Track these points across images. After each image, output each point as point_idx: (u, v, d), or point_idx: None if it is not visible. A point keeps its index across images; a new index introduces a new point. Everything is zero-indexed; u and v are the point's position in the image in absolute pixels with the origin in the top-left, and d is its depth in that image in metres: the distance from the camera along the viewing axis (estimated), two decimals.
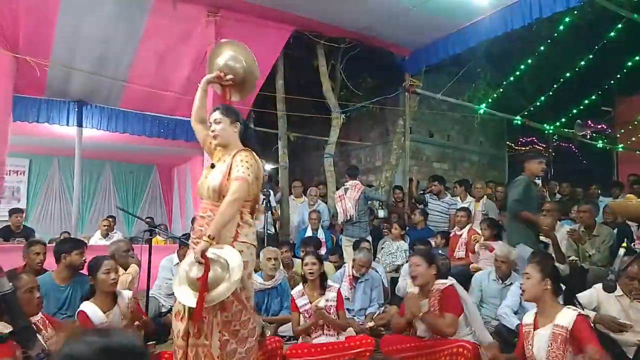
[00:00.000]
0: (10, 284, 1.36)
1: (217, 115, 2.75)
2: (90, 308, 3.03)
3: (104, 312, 3.06)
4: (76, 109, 6.39)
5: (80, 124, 6.44)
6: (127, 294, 3.30)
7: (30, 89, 5.98)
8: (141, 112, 6.72)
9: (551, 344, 2.52)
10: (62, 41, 5.56)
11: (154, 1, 5.48)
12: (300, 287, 3.90)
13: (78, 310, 3.06)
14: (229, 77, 2.95)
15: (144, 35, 5.78)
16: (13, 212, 6.64)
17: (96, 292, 3.12)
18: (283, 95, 7.30)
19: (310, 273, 3.79)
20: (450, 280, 3.40)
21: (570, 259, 4.57)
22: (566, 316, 2.53)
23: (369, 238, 5.96)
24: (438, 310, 3.21)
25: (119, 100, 6.53)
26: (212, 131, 2.72)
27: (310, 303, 3.75)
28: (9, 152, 5.52)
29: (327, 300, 3.74)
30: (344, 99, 7.90)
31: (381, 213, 7.13)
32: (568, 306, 2.65)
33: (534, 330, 2.67)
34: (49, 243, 5.75)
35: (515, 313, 3.67)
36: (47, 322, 2.80)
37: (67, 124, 6.37)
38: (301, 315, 3.76)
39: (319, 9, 6.00)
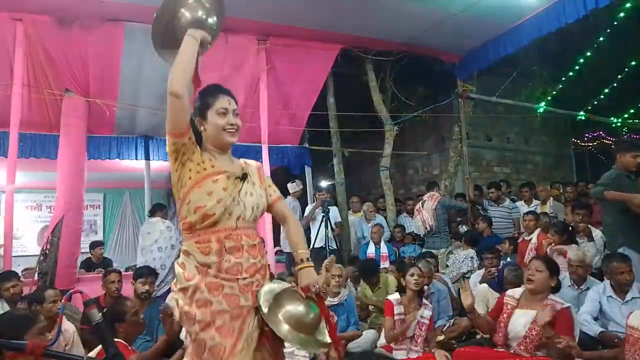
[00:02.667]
0: (100, 314, 1.49)
1: (234, 104, 2.10)
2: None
3: None
4: (143, 144, 6.78)
5: (147, 157, 6.83)
6: None
7: (101, 128, 6.44)
8: None
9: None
10: (127, 82, 5.97)
11: None
12: (397, 295, 3.93)
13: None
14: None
15: (200, 69, 6.07)
16: (94, 245, 7.14)
17: None
18: (335, 113, 7.41)
19: (415, 283, 3.78)
20: (568, 304, 3.12)
21: None
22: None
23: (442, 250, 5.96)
24: (547, 324, 2.88)
25: None
26: (232, 125, 2.03)
27: (405, 315, 3.77)
28: (85, 188, 5.95)
29: (421, 317, 3.77)
30: (396, 111, 7.89)
31: (462, 229, 6.70)
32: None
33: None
34: (125, 271, 6.12)
35: (595, 319, 3.48)
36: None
37: (136, 158, 6.77)
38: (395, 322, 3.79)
39: (364, 25, 6.07)
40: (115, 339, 2.52)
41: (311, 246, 6.30)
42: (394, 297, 3.91)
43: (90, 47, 5.53)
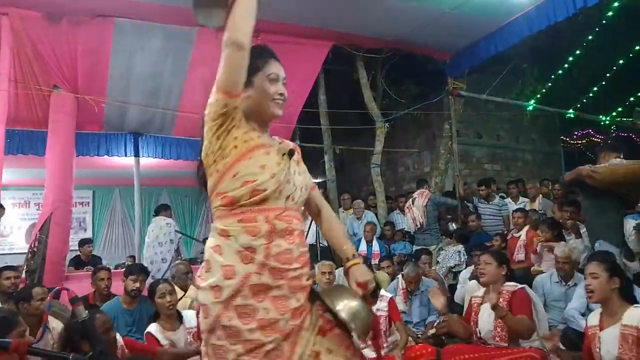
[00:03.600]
0: (87, 311, 1.47)
1: (284, 72, 1.81)
2: (155, 329, 3.20)
3: (169, 332, 3.22)
4: (132, 140, 6.73)
5: (137, 154, 6.78)
6: (191, 314, 3.43)
7: (90, 125, 6.38)
8: (193, 138, 6.99)
9: (621, 345, 2.40)
10: (116, 78, 5.92)
11: (198, 32, 5.74)
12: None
13: (145, 331, 3.23)
14: None
15: (190, 65, 6.05)
16: (83, 242, 7.08)
17: (160, 314, 3.29)
18: (326, 110, 7.40)
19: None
20: (522, 285, 3.29)
21: None
22: (635, 315, 2.40)
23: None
24: (507, 310, 3.09)
25: (172, 128, 6.84)
26: (281, 95, 1.74)
27: None
28: (74, 185, 5.89)
29: (377, 310, 3.74)
30: (387, 108, 7.90)
31: (451, 227, 6.69)
32: (636, 305, 2.52)
33: (600, 331, 2.55)
34: (114, 268, 6.09)
35: (583, 315, 3.51)
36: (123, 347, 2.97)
37: (125, 155, 6.72)
38: None
39: (356, 22, 6.07)
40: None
41: None
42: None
43: (79, 43, 5.48)
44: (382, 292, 3.96)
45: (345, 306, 1.60)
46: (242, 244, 1.54)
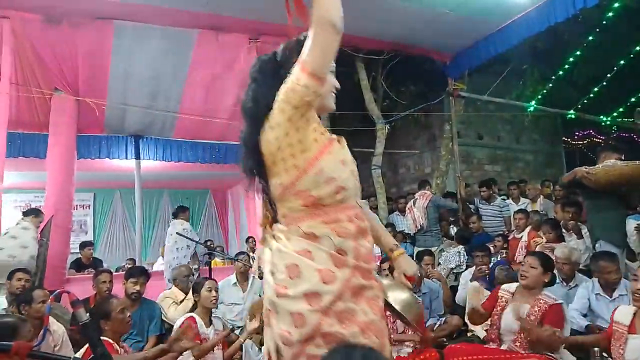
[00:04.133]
0: (87, 314, 1.47)
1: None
2: (199, 319, 3.39)
3: (206, 327, 3.42)
4: (133, 143, 6.75)
5: (138, 157, 6.80)
6: (219, 321, 3.66)
7: (91, 128, 6.40)
8: (193, 140, 7.00)
9: None
10: (117, 81, 5.93)
11: (198, 34, 5.74)
12: None
13: (188, 315, 3.38)
14: None
15: (190, 68, 6.06)
16: (84, 245, 7.09)
17: (198, 308, 3.48)
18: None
19: None
20: (560, 301, 3.13)
21: None
22: None
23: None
24: (535, 320, 2.95)
25: (172, 131, 6.85)
26: (337, 88, 1.70)
27: None
28: (75, 187, 5.90)
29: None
30: (388, 109, 7.89)
31: (452, 230, 6.71)
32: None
33: (629, 333, 2.48)
34: (115, 271, 6.09)
35: (585, 316, 3.50)
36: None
37: (126, 157, 6.74)
38: None
39: (355, 23, 6.06)
40: (102, 337, 2.51)
41: None
42: None
43: (80, 46, 5.49)
44: None
45: (397, 298, 1.61)
46: (333, 247, 1.44)
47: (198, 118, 6.53)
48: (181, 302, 4.30)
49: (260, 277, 4.29)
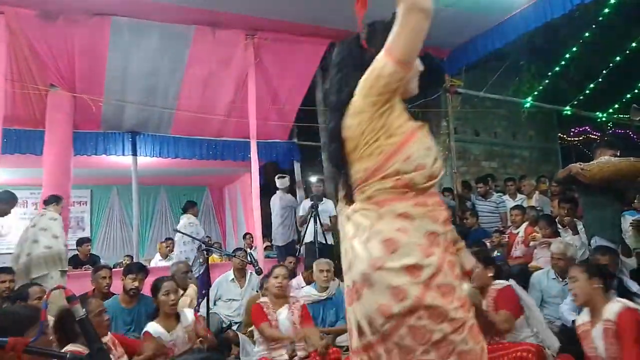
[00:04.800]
0: (84, 309, 1.48)
1: None
2: (154, 328, 3.18)
3: (168, 332, 3.20)
4: (130, 139, 6.73)
5: (134, 153, 6.78)
6: (189, 313, 3.44)
7: (88, 124, 6.37)
8: (190, 137, 6.99)
9: (606, 341, 2.45)
10: (113, 77, 5.92)
11: (195, 30, 5.73)
12: None
13: (144, 330, 3.21)
14: None
15: (188, 64, 6.05)
16: (82, 242, 7.07)
17: (159, 313, 3.28)
18: (323, 108, 7.39)
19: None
20: (509, 282, 3.31)
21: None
22: (612, 309, 2.47)
23: None
24: (493, 309, 3.16)
25: (170, 127, 6.84)
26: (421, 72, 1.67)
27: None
28: (72, 184, 5.89)
29: None
30: None
31: None
32: (618, 299, 2.58)
33: (592, 328, 2.60)
34: (112, 268, 6.09)
35: (580, 312, 3.52)
36: (116, 341, 2.96)
37: (123, 154, 6.72)
38: None
39: (353, 19, 6.04)
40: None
41: (302, 241, 6.32)
42: None
43: (76, 42, 5.48)
44: None
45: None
46: (427, 228, 1.46)
47: (195, 114, 6.52)
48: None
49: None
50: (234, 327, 4.67)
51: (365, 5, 1.72)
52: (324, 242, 6.05)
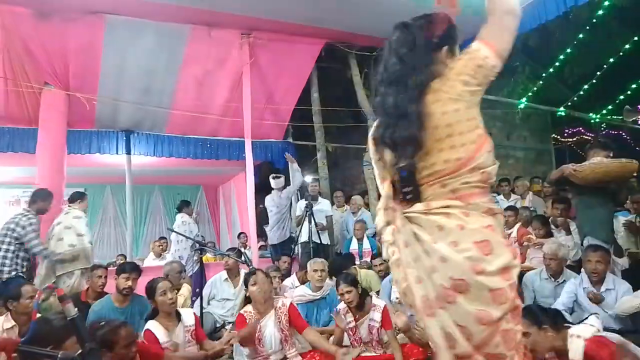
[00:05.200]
0: (76, 309, 1.47)
1: None
2: (154, 327, 3.18)
3: (168, 331, 3.20)
4: (124, 138, 6.70)
5: (129, 152, 6.75)
6: (190, 314, 3.46)
7: (81, 123, 6.34)
8: (185, 136, 6.97)
9: None
10: (108, 76, 5.89)
11: (190, 30, 5.72)
12: (344, 305, 3.69)
13: (144, 329, 3.20)
14: None
15: (183, 63, 6.03)
16: None
17: (159, 312, 3.27)
18: (319, 108, 7.40)
19: (349, 301, 3.57)
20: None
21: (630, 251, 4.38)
22: (576, 349, 2.14)
23: None
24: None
25: (164, 126, 6.82)
26: None
27: (356, 321, 3.63)
28: (65, 183, 5.86)
29: (371, 320, 3.60)
30: None
31: None
32: (573, 332, 2.22)
33: None
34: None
35: (572, 312, 3.55)
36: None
37: (117, 153, 6.69)
38: (345, 332, 3.67)
39: (348, 20, 6.07)
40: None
41: (297, 241, 6.32)
42: (343, 306, 3.69)
43: (71, 40, 5.45)
44: (375, 300, 3.70)
45: None
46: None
47: (190, 113, 6.50)
48: None
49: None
50: (228, 327, 4.67)
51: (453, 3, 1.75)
52: (319, 241, 6.07)
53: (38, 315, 2.63)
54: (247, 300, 3.64)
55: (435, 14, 1.69)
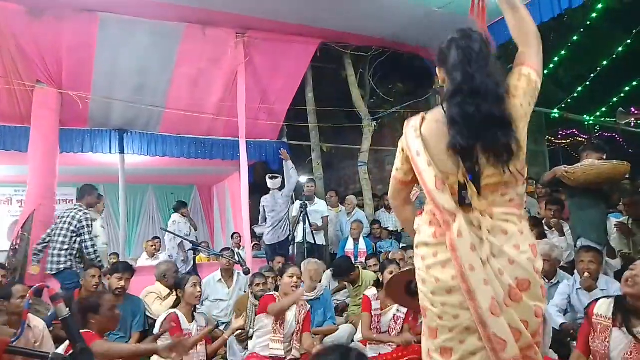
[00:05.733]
0: (68, 309, 1.45)
1: None
2: (181, 315, 3.37)
3: (189, 322, 3.42)
4: (118, 137, 6.65)
5: (122, 151, 6.70)
6: (201, 316, 3.63)
7: (74, 121, 6.29)
8: (179, 135, 6.93)
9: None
10: (101, 74, 5.85)
11: (185, 28, 5.69)
12: (374, 290, 3.90)
13: (170, 312, 3.37)
14: None
15: (177, 62, 6.00)
16: None
17: (181, 303, 3.47)
18: (314, 108, 7.39)
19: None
20: None
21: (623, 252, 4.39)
22: None
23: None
24: None
25: (158, 125, 6.78)
26: None
27: (381, 310, 3.78)
28: (57, 182, 5.81)
29: (398, 310, 3.75)
30: (375, 107, 7.91)
31: None
32: None
33: (614, 327, 2.42)
34: None
35: (565, 313, 3.55)
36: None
37: (110, 152, 6.64)
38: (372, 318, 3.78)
39: (344, 20, 6.07)
40: (86, 330, 2.47)
41: (293, 242, 6.30)
42: (371, 292, 3.90)
43: (64, 38, 5.41)
44: None
45: None
46: None
47: (184, 113, 6.47)
48: (166, 297, 4.27)
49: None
50: (222, 328, 4.64)
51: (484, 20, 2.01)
52: (313, 242, 6.05)
53: (29, 315, 2.62)
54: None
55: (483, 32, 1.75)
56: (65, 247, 4.76)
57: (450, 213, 1.57)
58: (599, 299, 2.65)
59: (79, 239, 4.82)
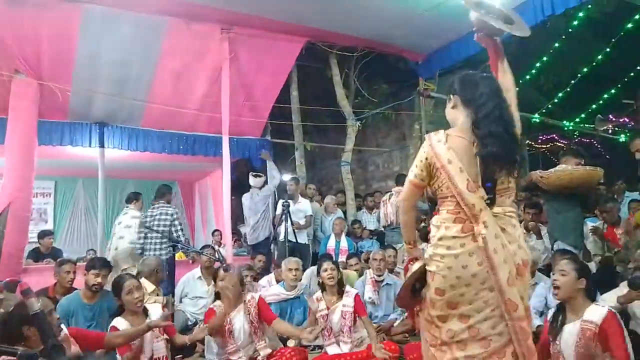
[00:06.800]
0: (39, 304, 1.42)
1: None
2: (120, 323, 3.10)
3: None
4: (98, 131, 6.53)
5: (102, 145, 6.59)
6: (157, 307, 3.40)
7: (54, 114, 6.16)
8: (161, 130, 6.85)
9: (579, 339, 2.53)
10: (82, 66, 5.74)
11: (169, 22, 5.62)
12: (318, 293, 3.91)
13: (110, 325, 3.12)
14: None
15: (160, 56, 5.93)
16: (44, 234, 6.85)
17: (124, 310, 3.20)
18: (298, 106, 7.38)
19: (329, 278, 3.80)
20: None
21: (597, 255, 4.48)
22: (595, 312, 2.54)
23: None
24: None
25: (140, 119, 6.68)
26: None
27: (328, 309, 3.77)
28: (35, 175, 5.69)
29: (344, 305, 3.75)
30: (360, 107, 7.93)
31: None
32: (597, 303, 2.67)
33: (562, 326, 2.66)
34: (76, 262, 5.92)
35: (542, 314, 3.61)
36: (70, 339, 2.82)
37: (90, 146, 6.52)
38: (318, 320, 3.75)
39: (330, 19, 6.07)
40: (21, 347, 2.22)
41: (275, 240, 6.28)
42: (316, 295, 3.91)
43: (44, 28, 5.29)
44: (348, 287, 3.92)
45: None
46: None
47: (167, 107, 6.39)
48: (151, 294, 4.18)
49: None
50: (200, 324, 4.60)
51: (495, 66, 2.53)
52: (295, 240, 6.04)
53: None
54: (217, 296, 3.63)
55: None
56: (164, 239, 5.50)
57: (479, 209, 2.02)
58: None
59: (173, 229, 5.56)
